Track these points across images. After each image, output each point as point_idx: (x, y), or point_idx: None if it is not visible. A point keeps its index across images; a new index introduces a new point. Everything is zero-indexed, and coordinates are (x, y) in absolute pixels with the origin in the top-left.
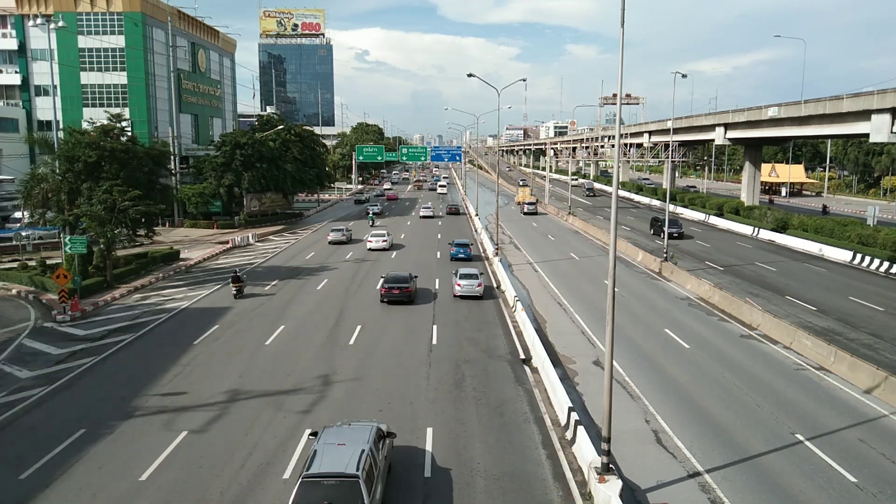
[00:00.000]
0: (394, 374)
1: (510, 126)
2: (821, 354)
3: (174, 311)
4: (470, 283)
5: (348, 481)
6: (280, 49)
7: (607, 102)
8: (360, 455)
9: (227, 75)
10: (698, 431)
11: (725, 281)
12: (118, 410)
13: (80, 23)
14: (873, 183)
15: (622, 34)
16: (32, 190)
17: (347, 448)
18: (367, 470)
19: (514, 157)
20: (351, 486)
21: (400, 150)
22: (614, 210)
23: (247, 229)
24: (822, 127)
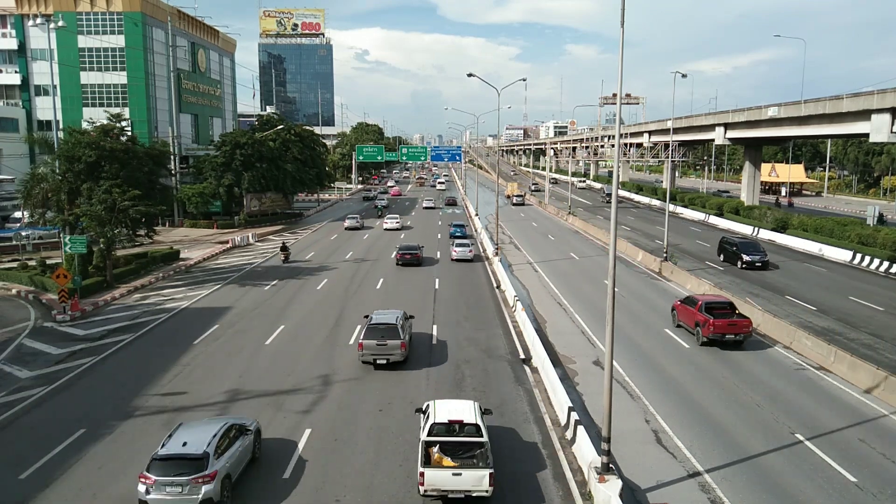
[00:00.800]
0: (394, 374)
1: (510, 126)
2: (821, 354)
3: (174, 311)
4: (463, 249)
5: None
6: (280, 49)
7: (607, 102)
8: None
9: (227, 75)
10: (698, 431)
11: (725, 281)
12: (118, 410)
13: (80, 23)
14: (873, 183)
15: (622, 34)
16: (32, 190)
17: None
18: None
19: (513, 156)
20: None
21: (400, 150)
22: (614, 210)
23: (247, 229)
24: (822, 127)
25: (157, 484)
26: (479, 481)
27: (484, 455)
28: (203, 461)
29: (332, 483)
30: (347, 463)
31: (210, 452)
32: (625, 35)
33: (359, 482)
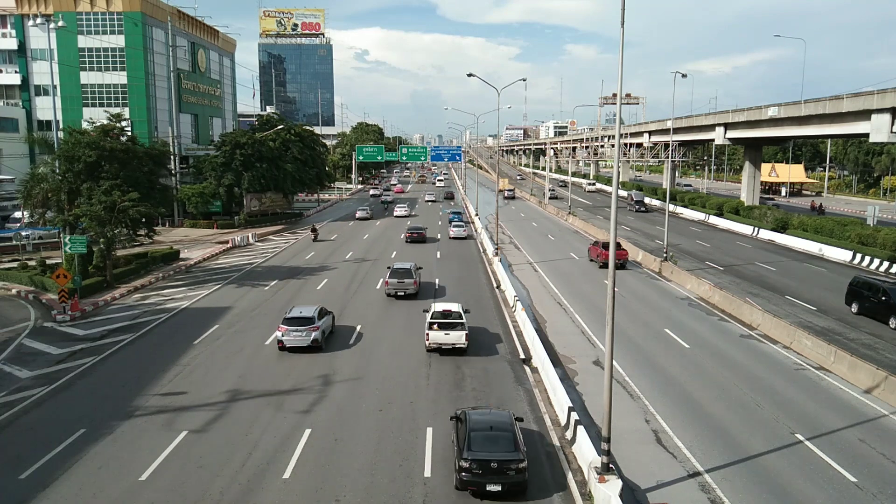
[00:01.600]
0: (394, 374)
1: (510, 126)
2: (821, 354)
3: (174, 311)
4: (458, 229)
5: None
6: (280, 49)
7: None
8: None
9: (227, 75)
10: (698, 431)
11: (725, 281)
12: (118, 410)
13: (80, 23)
14: (873, 183)
15: (622, 34)
16: (32, 190)
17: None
18: None
19: (513, 156)
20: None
21: (400, 150)
22: (614, 210)
23: (247, 229)
24: (822, 127)
25: (289, 331)
26: (459, 338)
27: (462, 326)
28: (313, 319)
29: (332, 483)
30: (347, 463)
31: (315, 316)
32: (625, 35)
33: (359, 482)
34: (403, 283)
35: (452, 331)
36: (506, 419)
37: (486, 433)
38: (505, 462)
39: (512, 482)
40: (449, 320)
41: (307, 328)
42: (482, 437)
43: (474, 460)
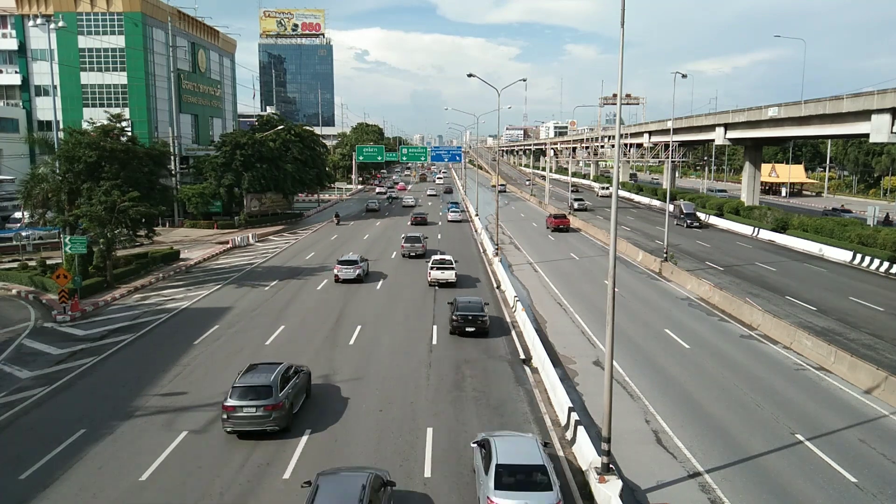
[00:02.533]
0: (394, 374)
1: (510, 126)
2: (821, 354)
3: (174, 312)
4: (455, 214)
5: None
6: (280, 49)
7: (607, 102)
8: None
9: (227, 75)
10: (698, 431)
11: (725, 281)
12: (118, 410)
13: (80, 23)
14: (873, 183)
15: (622, 34)
16: (32, 190)
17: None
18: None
19: (514, 157)
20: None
21: (400, 151)
22: (614, 210)
23: (247, 229)
24: (822, 127)
25: (342, 268)
26: (451, 276)
27: (452, 268)
28: (357, 262)
29: None
30: (347, 463)
31: (358, 260)
32: (625, 35)
33: None
34: (415, 247)
35: (446, 270)
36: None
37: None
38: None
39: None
40: (443, 265)
41: (353, 267)
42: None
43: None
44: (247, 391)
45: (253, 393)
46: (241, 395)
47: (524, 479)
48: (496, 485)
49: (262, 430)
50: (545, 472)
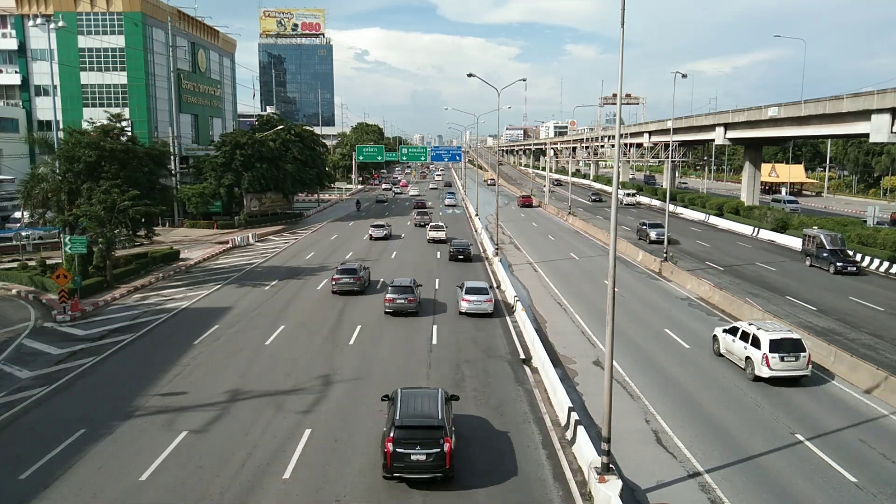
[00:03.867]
0: (394, 374)
1: (510, 126)
2: (821, 354)
3: (174, 311)
4: (451, 201)
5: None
6: (280, 49)
7: (607, 102)
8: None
9: (227, 75)
10: (698, 431)
11: (725, 281)
12: (118, 410)
13: (80, 23)
14: (873, 183)
15: (622, 34)
16: (32, 190)
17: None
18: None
19: (514, 157)
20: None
21: (400, 150)
22: (614, 210)
23: (247, 229)
24: (822, 127)
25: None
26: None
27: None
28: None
29: (332, 483)
30: (347, 463)
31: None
32: (625, 35)
33: (359, 482)
34: (422, 218)
35: (439, 231)
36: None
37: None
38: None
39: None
40: (437, 227)
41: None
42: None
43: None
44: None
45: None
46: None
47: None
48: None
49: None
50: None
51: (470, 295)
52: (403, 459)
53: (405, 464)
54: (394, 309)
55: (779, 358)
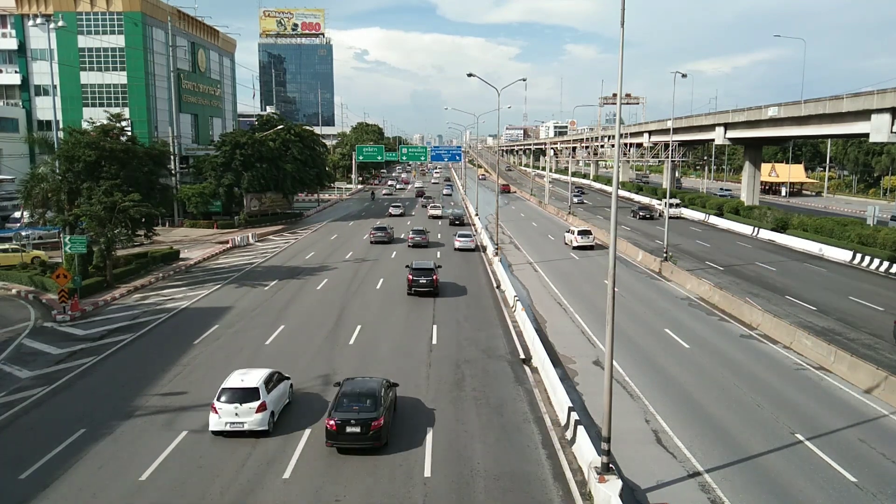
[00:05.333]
0: (394, 374)
1: (510, 126)
2: (821, 354)
3: (174, 311)
4: (448, 190)
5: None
6: (280, 49)
7: (607, 102)
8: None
9: (227, 75)
10: (698, 431)
11: (725, 281)
12: (118, 410)
13: (80, 22)
14: (873, 183)
15: (622, 34)
16: (32, 190)
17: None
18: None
19: (513, 156)
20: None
21: (400, 150)
22: (614, 210)
23: (247, 229)
24: (822, 127)
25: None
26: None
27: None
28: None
29: (332, 483)
30: (347, 463)
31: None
32: (624, 35)
33: (359, 482)
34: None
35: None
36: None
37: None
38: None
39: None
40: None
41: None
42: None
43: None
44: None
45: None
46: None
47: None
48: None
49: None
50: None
51: (460, 238)
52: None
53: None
54: (414, 243)
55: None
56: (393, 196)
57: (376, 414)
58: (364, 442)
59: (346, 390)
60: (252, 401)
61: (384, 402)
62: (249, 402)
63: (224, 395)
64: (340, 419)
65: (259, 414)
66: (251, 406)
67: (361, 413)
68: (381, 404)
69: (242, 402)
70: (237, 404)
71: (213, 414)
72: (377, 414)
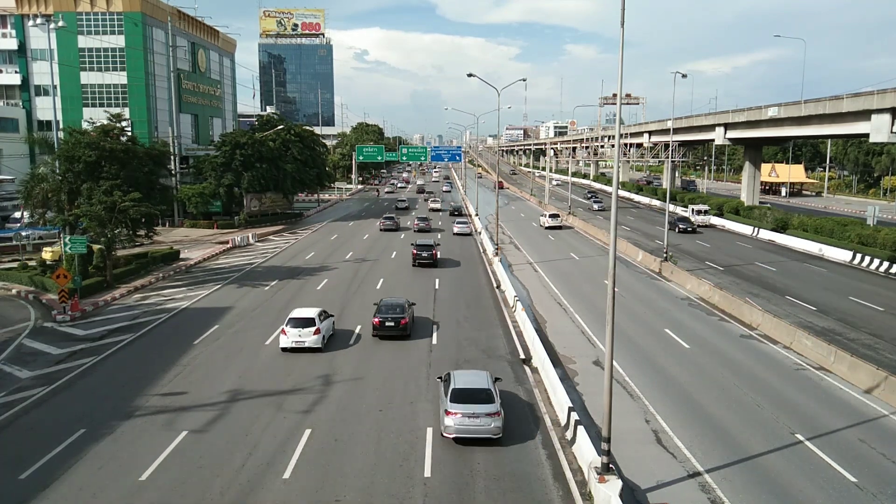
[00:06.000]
0: (394, 374)
1: (510, 126)
2: (821, 354)
3: (174, 311)
4: (447, 186)
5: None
6: (280, 49)
7: (607, 102)
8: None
9: (227, 75)
10: (698, 431)
11: (725, 281)
12: (118, 410)
13: (80, 23)
14: (873, 183)
15: (622, 34)
16: (32, 190)
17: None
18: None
19: (514, 157)
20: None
21: (400, 150)
22: (614, 210)
23: (247, 229)
24: (822, 127)
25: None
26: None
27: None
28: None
29: (332, 483)
30: (347, 463)
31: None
32: (624, 35)
33: (359, 482)
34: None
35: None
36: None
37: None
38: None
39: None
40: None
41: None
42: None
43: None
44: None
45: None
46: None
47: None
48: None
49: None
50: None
51: (458, 224)
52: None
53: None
54: (419, 228)
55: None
56: (395, 194)
57: (403, 315)
58: (396, 331)
59: (382, 304)
60: (310, 326)
61: (408, 310)
62: (309, 328)
63: (291, 322)
64: (381, 318)
65: (315, 335)
66: (310, 330)
67: (394, 314)
68: (406, 311)
69: (304, 328)
70: (300, 329)
71: (282, 335)
72: (404, 315)
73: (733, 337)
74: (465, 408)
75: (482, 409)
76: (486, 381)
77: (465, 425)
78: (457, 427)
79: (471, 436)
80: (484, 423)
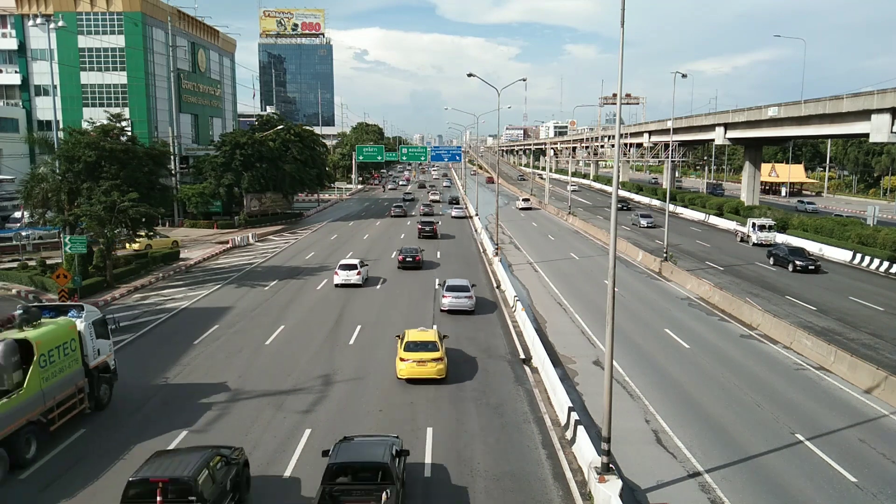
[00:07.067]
0: (394, 374)
1: (510, 126)
2: (821, 354)
3: (174, 311)
4: (446, 181)
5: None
6: (280, 49)
7: (607, 102)
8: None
9: (227, 75)
10: (698, 431)
11: (725, 281)
12: (118, 410)
13: (80, 23)
14: (873, 183)
15: (622, 34)
16: (32, 190)
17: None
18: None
19: (513, 156)
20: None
21: (400, 150)
22: (614, 210)
23: (247, 229)
24: (822, 127)
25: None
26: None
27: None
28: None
29: None
30: None
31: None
32: (624, 35)
33: None
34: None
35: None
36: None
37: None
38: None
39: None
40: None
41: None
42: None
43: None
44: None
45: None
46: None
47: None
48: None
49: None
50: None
51: (455, 209)
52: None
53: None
54: (425, 212)
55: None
56: (398, 191)
57: (418, 254)
58: (414, 264)
59: (402, 248)
60: (354, 270)
61: (419, 252)
62: (354, 270)
63: (340, 267)
64: (403, 256)
65: (358, 276)
66: (355, 272)
67: (412, 253)
68: (419, 252)
69: (349, 270)
70: (347, 271)
71: (335, 276)
72: (418, 254)
73: (733, 337)
74: (454, 294)
75: (463, 294)
76: (466, 282)
77: (453, 304)
78: (449, 304)
79: (456, 308)
80: (464, 302)
